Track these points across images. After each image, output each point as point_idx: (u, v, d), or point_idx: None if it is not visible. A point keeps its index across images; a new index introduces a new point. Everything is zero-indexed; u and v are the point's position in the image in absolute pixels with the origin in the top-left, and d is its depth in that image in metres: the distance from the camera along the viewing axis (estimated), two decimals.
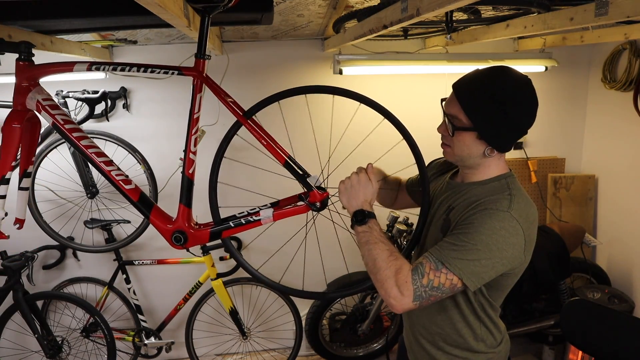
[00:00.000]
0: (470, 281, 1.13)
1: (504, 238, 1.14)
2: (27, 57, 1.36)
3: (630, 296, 2.85)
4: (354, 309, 2.92)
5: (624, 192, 2.98)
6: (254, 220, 1.38)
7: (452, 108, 1.23)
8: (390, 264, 1.15)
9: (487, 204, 1.18)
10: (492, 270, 1.15)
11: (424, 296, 1.13)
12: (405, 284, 1.12)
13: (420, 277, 1.13)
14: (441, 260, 1.14)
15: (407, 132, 1.33)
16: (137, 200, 1.41)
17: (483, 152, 1.23)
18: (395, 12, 1.36)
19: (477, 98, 1.19)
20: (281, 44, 2.87)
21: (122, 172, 1.42)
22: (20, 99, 1.36)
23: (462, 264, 1.12)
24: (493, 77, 1.20)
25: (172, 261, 2.85)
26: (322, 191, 1.35)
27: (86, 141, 1.39)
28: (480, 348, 1.33)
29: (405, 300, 1.12)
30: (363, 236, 1.23)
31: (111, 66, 1.39)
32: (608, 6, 1.38)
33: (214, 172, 1.39)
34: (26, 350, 2.95)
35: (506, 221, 1.14)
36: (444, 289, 1.14)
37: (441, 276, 1.13)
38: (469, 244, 1.13)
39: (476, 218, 1.16)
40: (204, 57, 1.36)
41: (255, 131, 1.35)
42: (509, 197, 1.20)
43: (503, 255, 1.14)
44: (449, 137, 1.26)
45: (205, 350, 3.14)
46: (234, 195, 2.55)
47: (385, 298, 1.15)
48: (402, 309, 1.14)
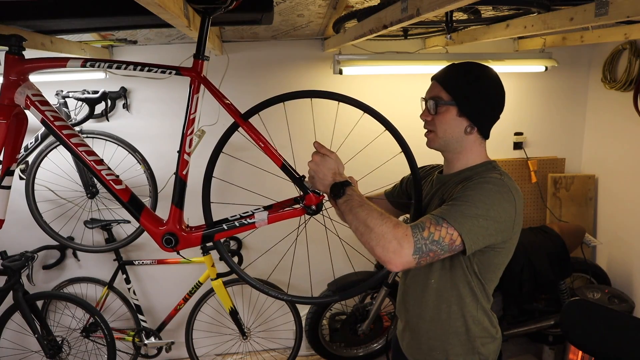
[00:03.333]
0: (467, 238, 1.16)
1: (499, 201, 1.20)
2: (17, 50, 1.32)
3: (630, 296, 2.85)
4: (354, 309, 2.92)
5: (624, 192, 2.98)
6: (248, 223, 1.35)
7: (433, 91, 1.35)
8: (384, 220, 1.15)
9: (480, 176, 1.27)
10: (487, 233, 1.19)
11: (423, 249, 1.13)
12: (405, 236, 1.12)
13: (420, 230, 1.14)
14: (442, 216, 1.17)
15: (406, 146, 1.33)
16: (127, 201, 1.37)
17: (464, 129, 1.31)
18: (395, 12, 1.36)
19: (455, 76, 1.33)
20: (281, 44, 2.87)
21: (113, 172, 1.38)
22: (8, 93, 1.31)
23: (462, 219, 1.16)
24: (467, 63, 1.38)
25: (172, 261, 2.85)
26: (317, 194, 1.35)
27: (76, 139, 1.34)
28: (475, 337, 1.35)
29: (404, 252, 1.11)
30: (345, 206, 1.23)
31: (107, 63, 1.36)
32: (608, 6, 1.38)
33: (208, 174, 1.37)
34: (26, 350, 2.95)
35: (500, 186, 1.22)
36: (443, 244, 1.15)
37: (442, 230, 1.15)
38: (467, 202, 1.19)
39: (470, 186, 1.24)
40: (203, 57, 1.36)
41: (253, 133, 1.34)
42: (498, 173, 1.29)
43: (498, 217, 1.19)
44: (432, 121, 1.34)
45: (205, 350, 3.14)
46: (232, 194, 2.55)
47: (383, 254, 1.12)
48: (401, 264, 1.13)
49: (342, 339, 2.99)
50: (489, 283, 1.34)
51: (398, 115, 1.40)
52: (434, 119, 1.33)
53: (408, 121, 1.47)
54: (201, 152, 1.70)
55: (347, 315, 2.93)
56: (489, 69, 1.34)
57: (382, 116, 1.32)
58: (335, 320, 2.98)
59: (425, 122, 1.37)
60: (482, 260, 1.27)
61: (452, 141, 1.33)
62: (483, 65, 1.36)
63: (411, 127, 1.52)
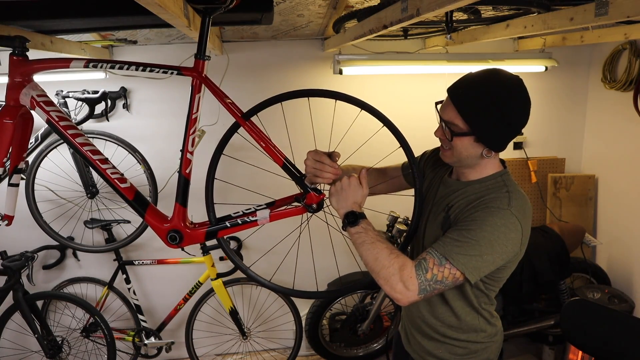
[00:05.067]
0: (471, 275, 1.18)
1: (505, 234, 1.19)
2: (21, 52, 1.33)
3: (630, 296, 2.85)
4: (354, 309, 2.92)
5: (624, 192, 2.98)
6: (250, 221, 1.38)
7: (448, 114, 1.25)
8: (392, 262, 1.19)
9: (488, 202, 1.23)
10: (492, 265, 1.21)
11: (428, 289, 1.18)
12: (410, 279, 1.17)
13: (424, 272, 1.18)
14: (445, 255, 1.18)
15: (405, 141, 1.33)
16: (133, 199, 1.40)
17: (481, 153, 1.26)
18: (395, 12, 1.36)
19: (473, 103, 1.21)
20: (281, 44, 2.87)
21: (118, 170, 1.40)
22: (13, 94, 1.33)
23: (465, 259, 1.17)
24: (487, 81, 1.22)
25: (172, 261, 2.85)
26: (318, 193, 1.35)
27: (81, 139, 1.36)
28: (477, 338, 1.37)
29: (410, 294, 1.17)
30: (358, 237, 1.26)
31: (109, 64, 1.38)
32: (608, 6, 1.38)
33: (210, 173, 1.38)
34: (26, 350, 2.95)
35: (507, 218, 1.20)
36: (447, 282, 1.19)
37: (444, 271, 1.18)
38: (472, 241, 1.18)
39: (478, 216, 1.21)
40: (204, 57, 1.36)
41: (254, 132, 1.35)
42: (507, 194, 1.25)
43: (503, 250, 1.20)
44: (447, 141, 1.28)
45: (205, 350, 3.14)
46: (233, 194, 2.55)
47: (391, 294, 1.19)
48: (408, 302, 1.19)
49: (342, 339, 2.99)
50: (491, 292, 1.35)
51: (398, 115, 1.40)
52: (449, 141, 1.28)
53: (408, 121, 1.48)
54: (201, 152, 1.71)
55: (347, 315, 2.93)
56: (512, 83, 1.21)
57: (379, 112, 1.32)
58: (335, 320, 2.98)
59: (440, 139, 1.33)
60: (487, 275, 1.26)
61: (467, 160, 1.29)
62: (505, 78, 1.22)
63: (411, 127, 1.53)
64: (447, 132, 1.26)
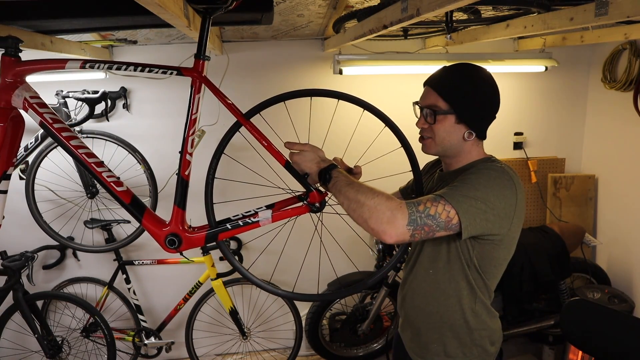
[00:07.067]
0: (464, 217, 1.14)
1: (499, 187, 1.20)
2: (14, 52, 1.29)
3: (630, 296, 2.85)
4: (354, 309, 2.92)
5: (624, 192, 2.98)
6: (252, 222, 1.34)
7: (429, 99, 1.34)
8: (376, 193, 1.16)
9: (479, 167, 1.29)
10: (484, 217, 1.17)
11: (418, 222, 1.12)
12: (399, 207, 1.13)
13: (416, 205, 1.15)
14: (440, 194, 1.18)
15: (406, 142, 1.33)
16: (129, 203, 1.36)
17: (462, 135, 1.31)
18: (395, 12, 1.36)
19: (451, 83, 1.32)
20: (281, 44, 2.87)
21: (114, 173, 1.37)
22: (4, 96, 1.28)
23: (461, 198, 1.16)
24: (461, 66, 1.36)
25: (172, 261, 2.85)
26: (321, 192, 1.35)
27: (76, 141, 1.32)
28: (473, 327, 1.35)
29: (398, 222, 1.11)
30: (334, 188, 1.24)
31: (107, 64, 1.35)
32: (608, 6, 1.38)
33: (210, 174, 1.37)
34: (26, 350, 2.95)
35: (501, 173, 1.23)
36: (439, 219, 1.14)
37: (438, 206, 1.15)
38: (467, 184, 1.19)
39: (471, 171, 1.26)
40: (204, 57, 1.36)
41: (256, 132, 1.34)
42: (499, 164, 1.30)
43: (497, 203, 1.18)
44: (429, 129, 1.35)
45: (205, 350, 3.14)
46: (233, 192, 2.55)
47: (377, 225, 1.12)
48: (395, 234, 1.12)
49: (342, 339, 2.99)
50: (490, 279, 1.33)
51: (398, 115, 1.40)
52: (431, 127, 1.34)
53: (408, 121, 1.47)
54: (201, 152, 1.71)
55: (347, 315, 2.93)
56: (483, 70, 1.34)
57: (381, 112, 1.32)
58: (335, 320, 2.98)
59: (422, 129, 1.38)
60: (482, 252, 1.27)
61: (450, 147, 1.35)
62: (476, 66, 1.36)
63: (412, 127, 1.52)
64: (430, 115, 1.32)
